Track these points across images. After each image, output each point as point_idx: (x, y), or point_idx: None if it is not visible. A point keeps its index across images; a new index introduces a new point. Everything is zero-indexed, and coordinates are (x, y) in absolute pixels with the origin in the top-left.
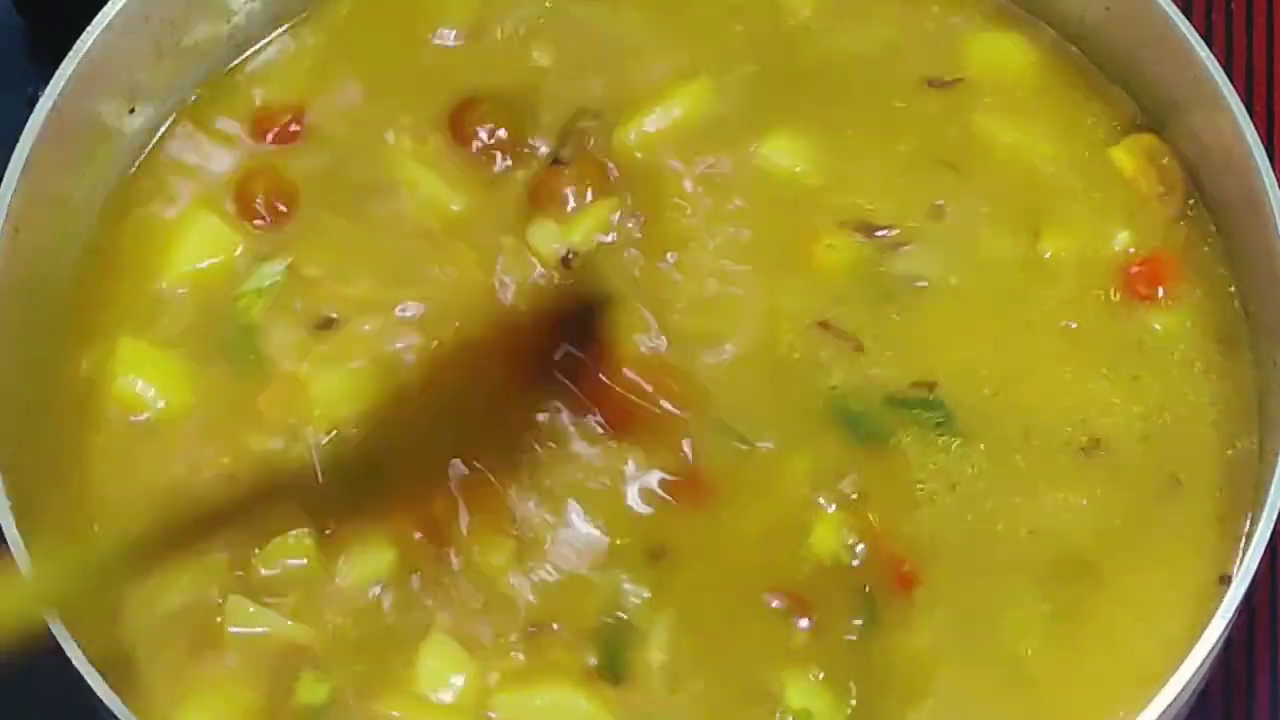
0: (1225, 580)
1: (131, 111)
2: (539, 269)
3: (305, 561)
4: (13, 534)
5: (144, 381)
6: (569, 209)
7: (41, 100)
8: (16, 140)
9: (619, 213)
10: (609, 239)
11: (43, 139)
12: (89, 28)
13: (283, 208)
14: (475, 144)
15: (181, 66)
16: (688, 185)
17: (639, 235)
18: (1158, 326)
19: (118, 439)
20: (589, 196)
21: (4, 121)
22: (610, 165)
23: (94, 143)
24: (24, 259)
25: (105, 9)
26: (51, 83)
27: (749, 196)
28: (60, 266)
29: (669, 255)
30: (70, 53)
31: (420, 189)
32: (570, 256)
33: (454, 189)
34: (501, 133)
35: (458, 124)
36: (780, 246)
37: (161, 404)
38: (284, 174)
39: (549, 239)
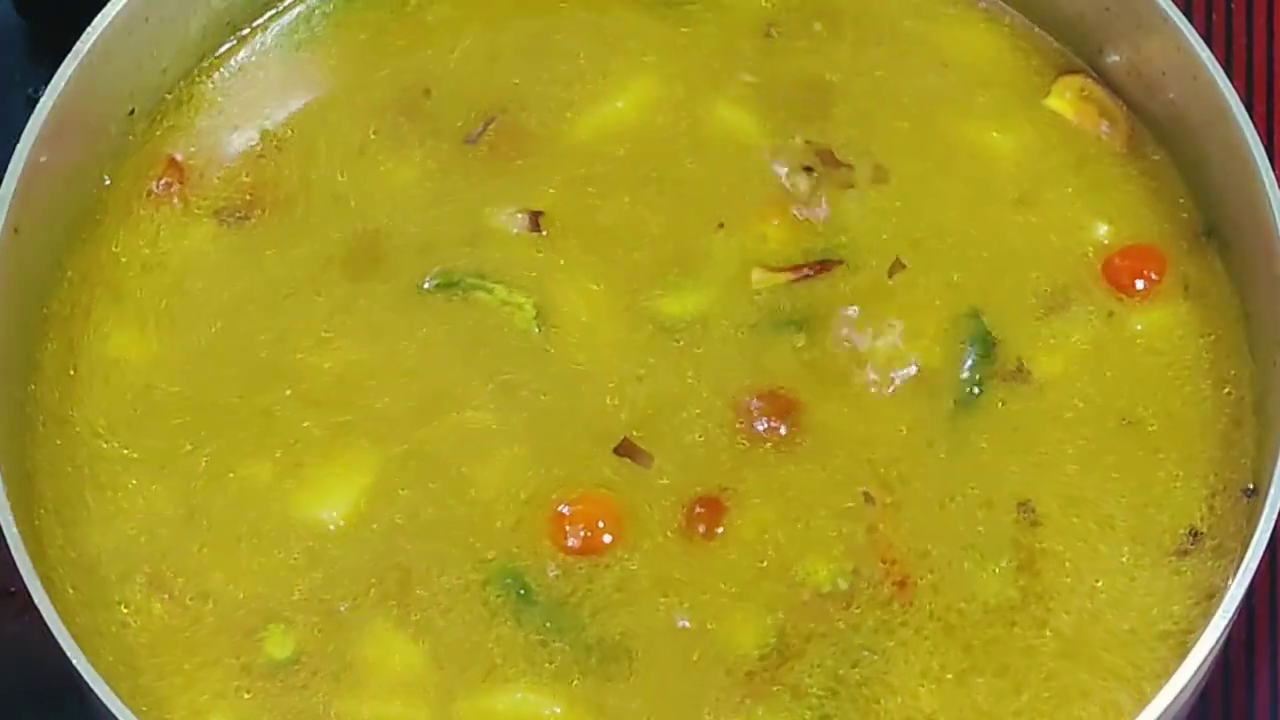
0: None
1: (131, 113)
2: None
3: None
4: (13, 534)
5: None
6: None
7: (42, 100)
8: (16, 140)
9: None
10: None
11: (43, 139)
12: (89, 28)
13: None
14: None
15: (181, 66)
16: None
17: None
18: (1141, 325)
19: None
20: None
21: (4, 121)
22: None
23: (94, 143)
24: (24, 258)
25: (105, 9)
26: (51, 83)
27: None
28: (60, 267)
29: None
30: (70, 53)
31: None
32: None
33: None
34: None
35: None
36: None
37: None
38: None
39: None
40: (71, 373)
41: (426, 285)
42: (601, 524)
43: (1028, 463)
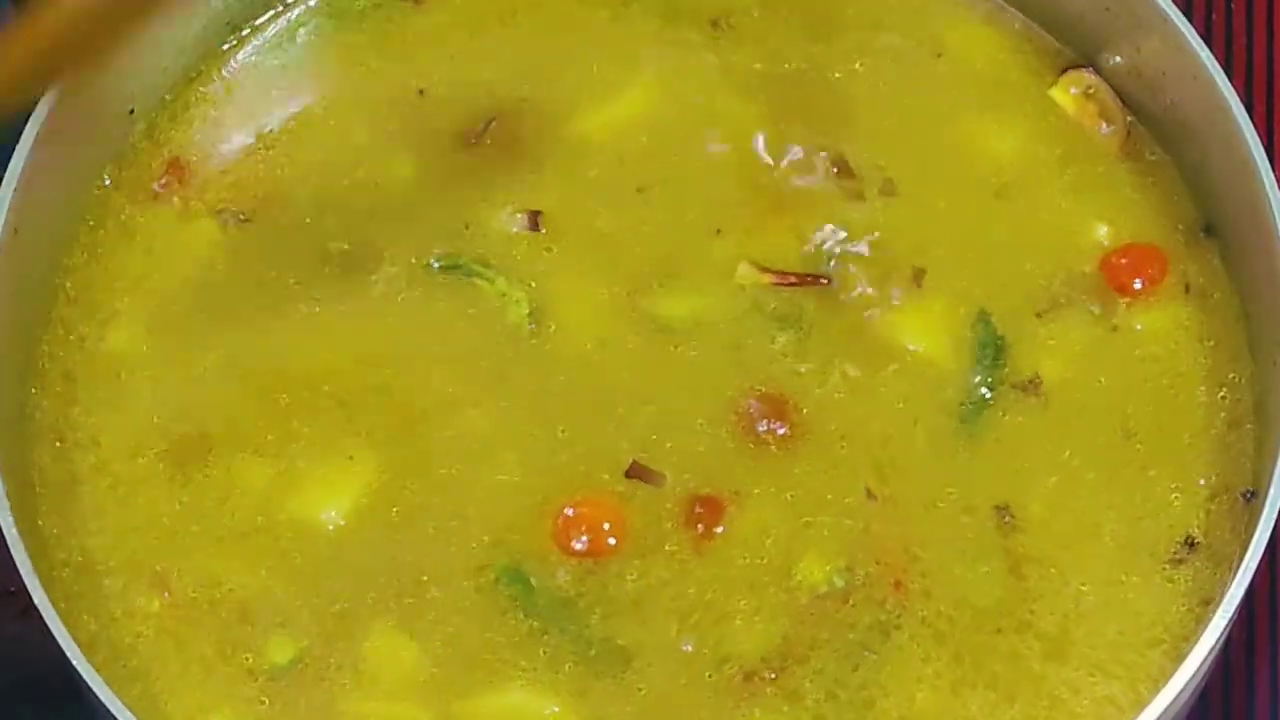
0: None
1: (131, 112)
2: None
3: None
4: (13, 534)
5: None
6: None
7: (42, 100)
8: (17, 140)
9: None
10: None
11: (43, 139)
12: None
13: None
14: None
15: (181, 66)
16: None
17: None
18: (1141, 325)
19: None
20: None
21: (4, 121)
22: None
23: (94, 143)
24: (24, 259)
25: None
26: None
27: None
28: (60, 267)
29: None
30: None
31: None
32: None
33: None
34: None
35: None
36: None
37: None
38: None
39: None
40: (71, 374)
41: (434, 265)
42: (607, 526)
43: (1029, 466)
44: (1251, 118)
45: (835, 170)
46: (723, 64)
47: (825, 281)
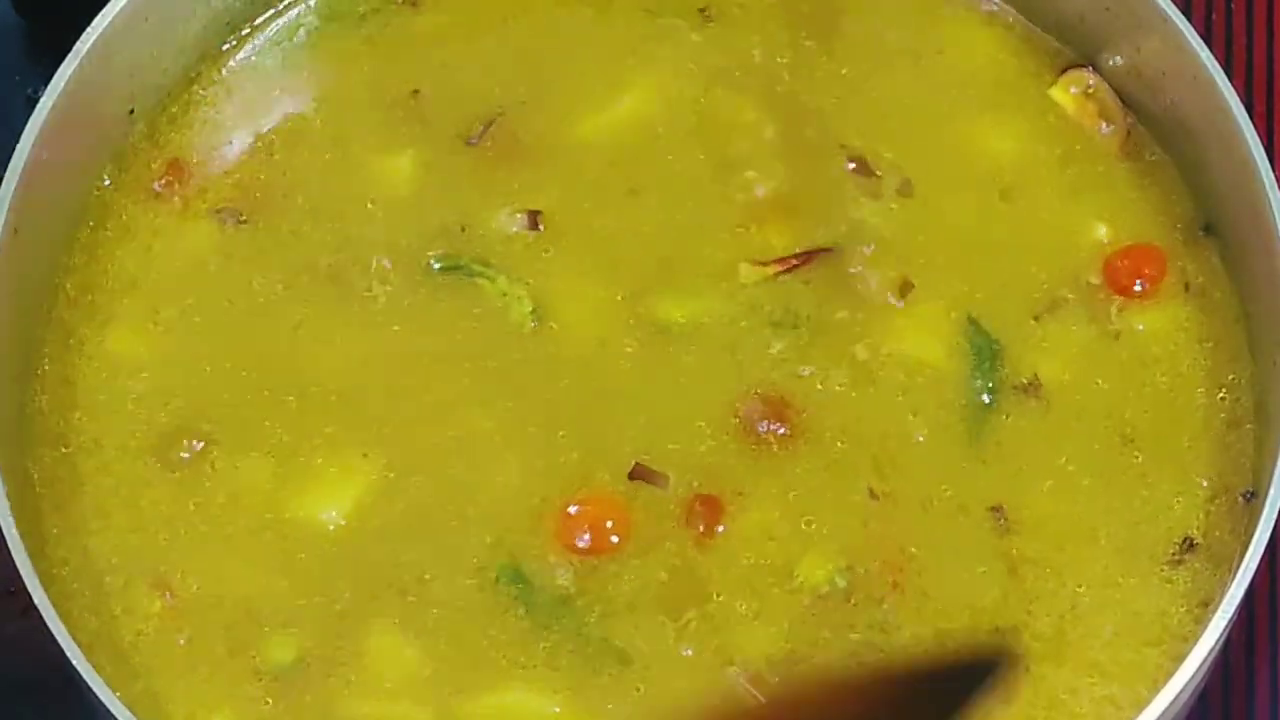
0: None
1: (131, 112)
2: None
3: None
4: (13, 534)
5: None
6: None
7: (42, 100)
8: (17, 140)
9: None
10: None
11: (43, 139)
12: (89, 28)
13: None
14: None
15: (181, 66)
16: None
17: None
18: (1141, 326)
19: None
20: None
21: (4, 121)
22: None
23: (94, 143)
24: (24, 259)
25: (105, 9)
26: (51, 83)
27: None
28: (60, 267)
29: None
30: (70, 53)
31: None
32: None
33: None
34: None
35: None
36: None
37: None
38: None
39: None
40: (71, 374)
41: (434, 265)
42: (609, 524)
43: (1029, 468)
44: (1251, 118)
45: (853, 167)
46: (718, 59)
47: (826, 251)
